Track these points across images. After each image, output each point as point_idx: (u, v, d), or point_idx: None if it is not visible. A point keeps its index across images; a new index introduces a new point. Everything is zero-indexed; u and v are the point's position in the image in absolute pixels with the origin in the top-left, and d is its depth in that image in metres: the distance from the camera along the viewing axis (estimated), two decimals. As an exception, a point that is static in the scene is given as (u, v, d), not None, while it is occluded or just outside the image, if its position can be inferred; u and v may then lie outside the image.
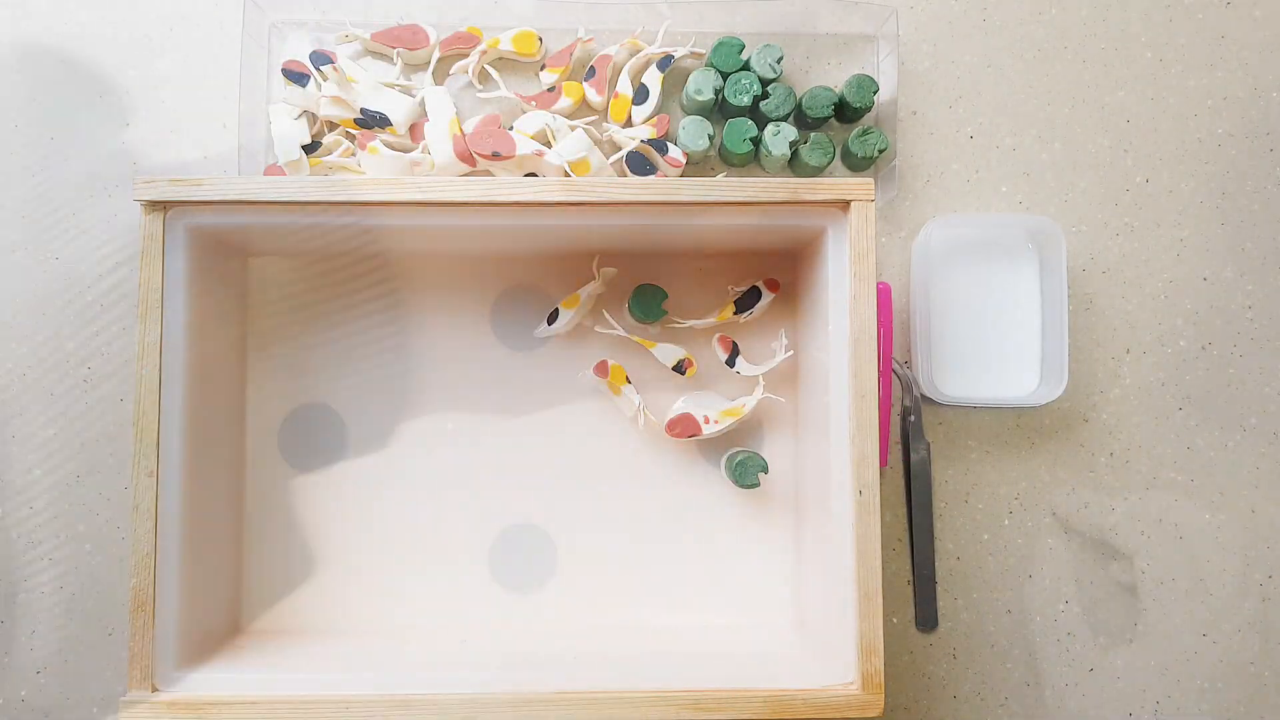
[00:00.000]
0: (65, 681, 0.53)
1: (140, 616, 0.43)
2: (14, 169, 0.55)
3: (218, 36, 0.55)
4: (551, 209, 0.45)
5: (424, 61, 0.55)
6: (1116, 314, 0.55)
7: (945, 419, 0.55)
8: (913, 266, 0.54)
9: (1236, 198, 0.56)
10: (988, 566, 0.54)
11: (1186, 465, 0.55)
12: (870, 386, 0.44)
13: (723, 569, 0.53)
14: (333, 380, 0.53)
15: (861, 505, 0.44)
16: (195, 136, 0.55)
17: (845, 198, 0.44)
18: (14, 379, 0.54)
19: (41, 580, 0.53)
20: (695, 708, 0.43)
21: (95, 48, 0.55)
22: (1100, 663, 0.54)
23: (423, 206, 0.44)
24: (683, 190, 0.44)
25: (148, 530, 0.44)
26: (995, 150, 0.56)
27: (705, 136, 0.53)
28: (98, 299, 0.54)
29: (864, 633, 0.44)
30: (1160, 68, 0.57)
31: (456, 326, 0.53)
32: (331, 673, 0.45)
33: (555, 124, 0.53)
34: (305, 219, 0.45)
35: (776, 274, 0.53)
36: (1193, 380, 0.55)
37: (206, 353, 0.47)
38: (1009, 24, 0.57)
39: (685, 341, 0.53)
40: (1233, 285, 0.56)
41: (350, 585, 0.52)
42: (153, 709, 0.43)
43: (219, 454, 0.49)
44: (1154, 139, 0.56)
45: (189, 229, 0.45)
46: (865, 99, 0.53)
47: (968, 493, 0.55)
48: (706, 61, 0.55)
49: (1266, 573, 0.55)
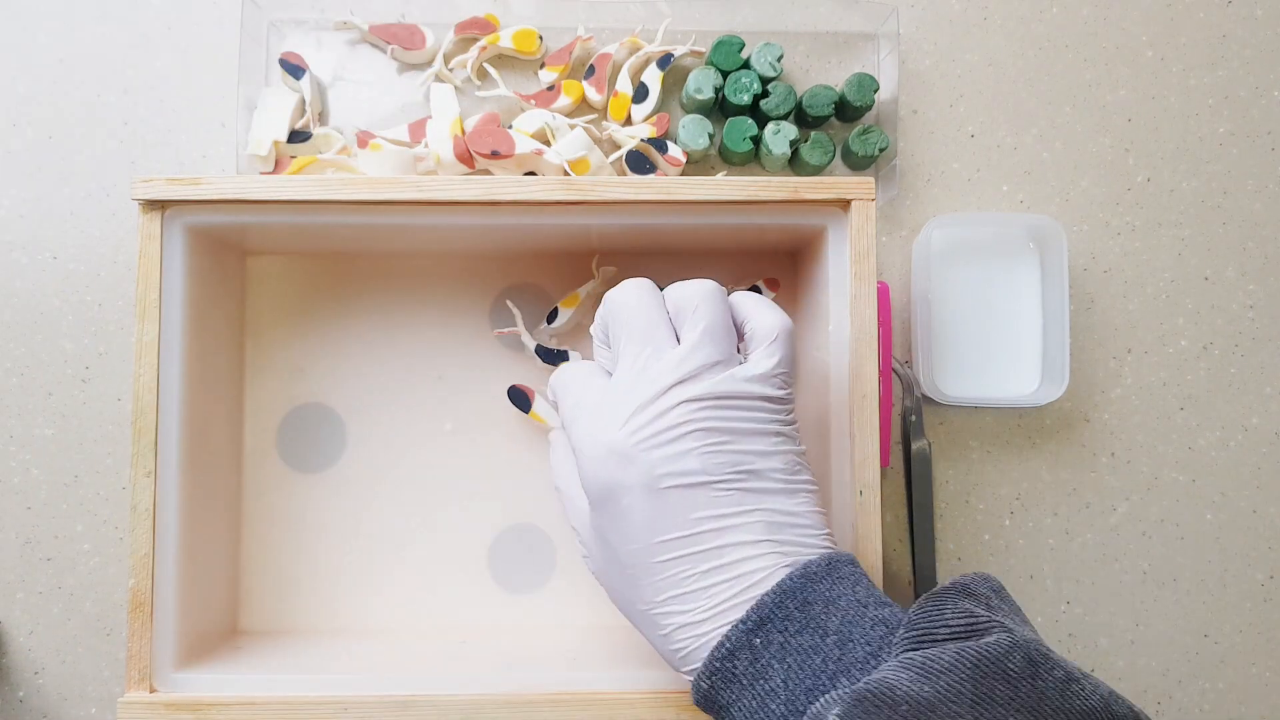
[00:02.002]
0: (64, 682, 0.52)
1: (138, 617, 0.43)
2: (12, 169, 0.54)
3: (216, 35, 0.55)
4: (551, 208, 0.44)
5: (418, 62, 0.55)
6: (1117, 314, 0.55)
7: (946, 419, 0.55)
8: (913, 266, 0.53)
9: (1238, 197, 0.56)
10: (988, 566, 0.54)
11: (1188, 465, 0.55)
12: (871, 386, 0.44)
13: (723, 569, 0.53)
14: (332, 380, 0.53)
15: (861, 505, 0.44)
16: (194, 135, 0.55)
17: (846, 197, 0.44)
18: (13, 379, 0.54)
19: (40, 580, 0.53)
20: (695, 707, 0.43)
21: (94, 47, 0.55)
22: (1100, 663, 0.54)
23: (422, 206, 0.44)
24: (682, 189, 0.44)
25: (146, 531, 0.44)
26: (996, 149, 0.56)
27: (705, 135, 0.53)
28: (96, 299, 0.54)
29: (864, 633, 0.43)
30: (1161, 67, 0.57)
31: (456, 326, 0.53)
32: (331, 673, 0.45)
33: (555, 123, 0.53)
34: (305, 218, 0.45)
35: (776, 274, 0.53)
36: (1194, 380, 0.55)
37: (205, 352, 0.47)
38: (1010, 23, 0.57)
39: (685, 341, 0.53)
40: (1234, 285, 0.56)
41: (349, 585, 0.52)
42: (151, 709, 0.43)
43: (217, 454, 0.49)
44: (1155, 138, 0.56)
45: (187, 228, 0.45)
46: (866, 98, 0.53)
47: (968, 493, 0.54)
48: (706, 60, 0.55)
49: (1268, 573, 0.55)
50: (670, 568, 0.35)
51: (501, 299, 0.53)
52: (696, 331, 0.36)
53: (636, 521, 0.35)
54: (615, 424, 0.36)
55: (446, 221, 0.45)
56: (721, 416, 0.35)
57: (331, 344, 0.53)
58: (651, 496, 0.35)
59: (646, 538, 0.35)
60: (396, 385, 0.53)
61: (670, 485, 0.35)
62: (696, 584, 0.35)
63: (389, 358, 0.53)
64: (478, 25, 0.54)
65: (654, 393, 0.35)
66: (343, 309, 0.53)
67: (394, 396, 0.52)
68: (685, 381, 0.35)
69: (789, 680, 0.33)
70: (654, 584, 0.35)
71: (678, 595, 0.35)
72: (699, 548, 0.35)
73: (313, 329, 0.53)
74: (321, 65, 0.55)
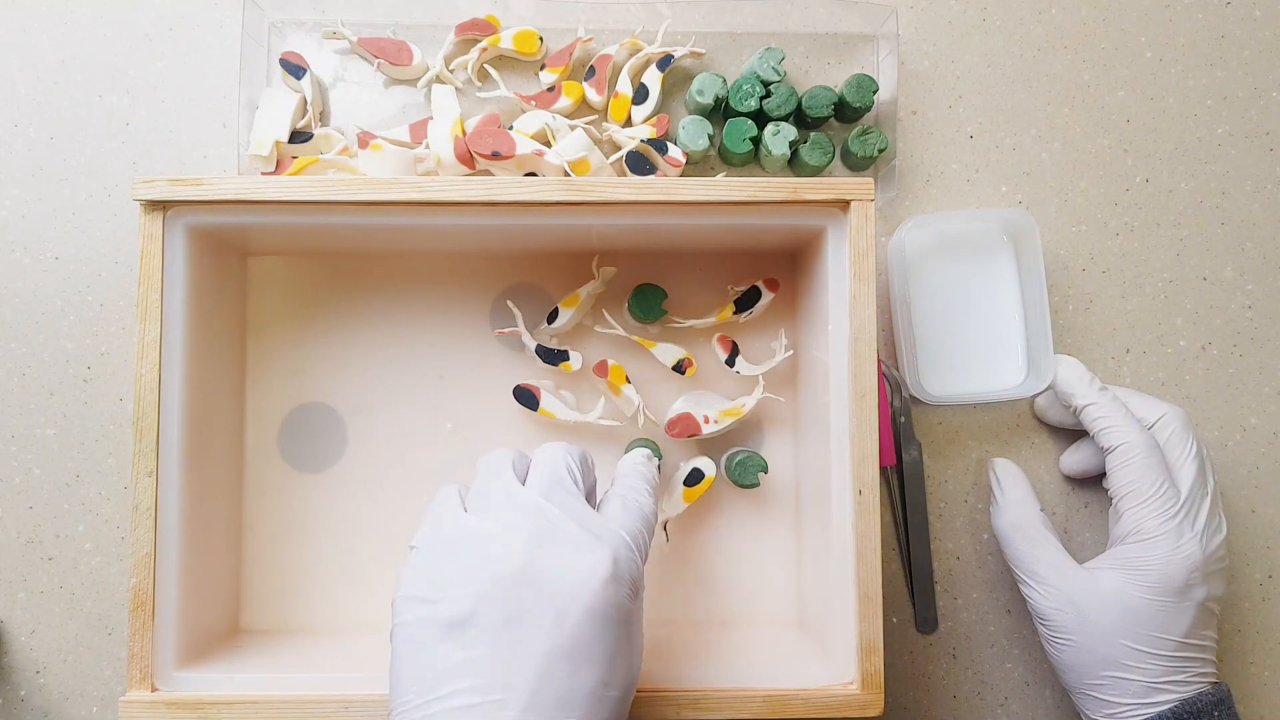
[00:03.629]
0: (65, 681, 0.53)
1: (140, 616, 0.43)
2: (13, 169, 0.55)
3: (217, 36, 0.55)
4: (552, 209, 0.45)
5: (405, 78, 0.55)
6: (1116, 314, 0.55)
7: (944, 419, 0.55)
8: (890, 269, 0.53)
9: (1236, 198, 0.56)
10: (988, 566, 0.54)
11: (1186, 465, 0.55)
12: (870, 386, 0.44)
13: (722, 568, 0.53)
14: (333, 380, 0.53)
15: (861, 505, 0.44)
16: (195, 136, 0.55)
17: (845, 197, 0.44)
18: (15, 379, 0.54)
19: (41, 580, 0.53)
20: (695, 707, 0.43)
21: (95, 47, 0.55)
22: (1100, 662, 0.54)
23: (423, 206, 0.44)
24: (682, 190, 0.44)
25: (147, 530, 0.44)
26: (995, 150, 0.56)
27: (705, 136, 0.53)
28: (97, 299, 0.54)
29: (864, 632, 0.44)
30: (1160, 67, 0.57)
31: (456, 326, 0.53)
32: (331, 672, 0.45)
33: (555, 124, 0.53)
34: (305, 219, 0.45)
35: (776, 274, 0.53)
36: (1192, 380, 0.55)
37: (206, 352, 0.47)
38: (1009, 24, 0.57)
39: (685, 341, 0.53)
40: (1232, 285, 0.56)
41: (350, 585, 0.52)
42: (152, 708, 0.43)
43: (218, 453, 0.49)
44: (1154, 139, 0.56)
45: (188, 228, 0.45)
46: (865, 99, 0.53)
47: (967, 492, 0.55)
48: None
49: (1266, 572, 0.55)
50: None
51: (502, 299, 0.53)
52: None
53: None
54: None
55: (447, 222, 0.45)
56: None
57: (332, 344, 0.53)
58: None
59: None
60: (397, 385, 0.53)
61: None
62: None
63: (390, 358, 0.53)
64: (478, 26, 0.54)
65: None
66: (344, 309, 0.53)
67: (395, 396, 0.53)
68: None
69: None
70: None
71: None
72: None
73: (314, 329, 0.53)
74: (322, 66, 0.55)
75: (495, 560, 0.36)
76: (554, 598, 0.35)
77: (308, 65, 0.54)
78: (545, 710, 0.34)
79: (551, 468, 0.39)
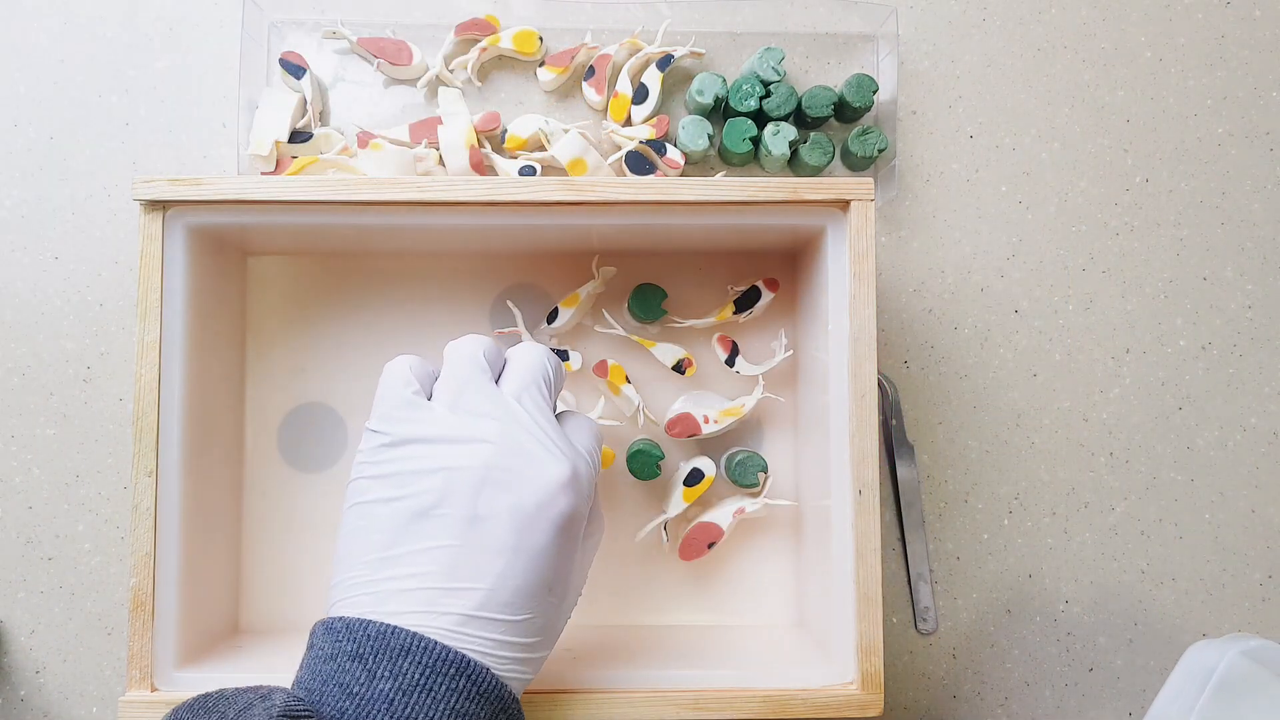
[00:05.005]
0: (65, 681, 0.53)
1: (140, 616, 0.43)
2: (13, 169, 0.55)
3: (217, 35, 0.55)
4: (551, 208, 0.45)
5: (405, 78, 0.55)
6: (1116, 314, 0.55)
7: (945, 419, 0.55)
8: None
9: (1236, 198, 0.56)
10: (988, 566, 0.54)
11: (1186, 465, 0.55)
12: (870, 385, 0.44)
13: (722, 568, 0.53)
14: (333, 380, 0.53)
15: (861, 505, 0.44)
16: (195, 136, 0.55)
17: (845, 197, 0.44)
18: (14, 379, 0.54)
19: (41, 579, 0.53)
20: (695, 707, 0.43)
21: (95, 47, 0.55)
22: (1100, 663, 0.54)
23: (422, 206, 0.44)
24: (682, 190, 0.44)
25: (147, 530, 0.44)
26: (995, 150, 0.56)
27: (705, 136, 0.53)
28: (98, 299, 0.54)
29: (863, 632, 0.44)
30: (1160, 68, 0.57)
31: (456, 325, 0.53)
32: (331, 672, 0.45)
33: (549, 127, 0.53)
34: (305, 218, 0.45)
35: (776, 274, 0.53)
36: (1192, 380, 0.55)
37: (206, 352, 0.47)
38: (1009, 24, 0.57)
39: (685, 341, 0.53)
40: (1232, 285, 0.56)
41: (350, 585, 0.52)
42: (152, 708, 0.43)
43: (218, 453, 0.49)
44: (1153, 139, 0.56)
45: (188, 228, 0.45)
46: (865, 98, 0.53)
47: (967, 493, 0.55)
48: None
49: (1266, 572, 0.55)
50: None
51: (501, 299, 0.53)
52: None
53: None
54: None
55: (447, 222, 0.45)
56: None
57: (332, 344, 0.53)
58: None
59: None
60: (397, 385, 0.53)
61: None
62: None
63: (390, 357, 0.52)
64: (478, 26, 0.54)
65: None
66: (344, 309, 0.53)
67: (394, 396, 0.52)
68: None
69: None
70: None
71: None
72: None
73: (314, 329, 0.53)
74: (322, 65, 0.55)
75: (464, 457, 0.37)
76: (520, 500, 0.36)
77: (307, 65, 0.54)
78: (500, 607, 0.35)
79: (530, 373, 0.40)
